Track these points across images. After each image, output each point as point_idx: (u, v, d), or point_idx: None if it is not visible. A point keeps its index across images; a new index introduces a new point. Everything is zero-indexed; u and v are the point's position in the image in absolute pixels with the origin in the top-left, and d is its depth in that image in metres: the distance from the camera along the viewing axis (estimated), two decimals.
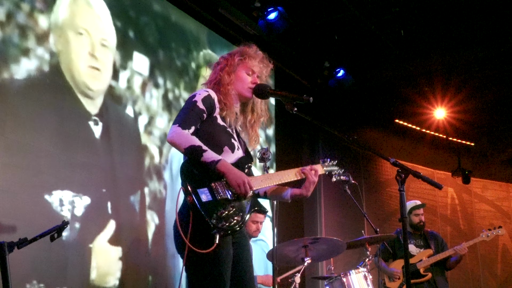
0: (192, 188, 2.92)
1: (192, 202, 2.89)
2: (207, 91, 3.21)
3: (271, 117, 8.03)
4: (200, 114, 3.12)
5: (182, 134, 3.01)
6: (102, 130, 5.33)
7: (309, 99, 3.11)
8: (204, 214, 2.86)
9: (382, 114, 10.01)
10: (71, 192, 4.94)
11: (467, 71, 8.46)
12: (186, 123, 3.06)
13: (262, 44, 7.65)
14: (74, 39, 5.18)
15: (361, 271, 5.01)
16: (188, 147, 2.97)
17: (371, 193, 9.86)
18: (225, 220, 2.91)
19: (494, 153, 11.07)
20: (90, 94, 5.27)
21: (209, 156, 2.97)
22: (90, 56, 5.31)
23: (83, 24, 5.28)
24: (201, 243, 2.87)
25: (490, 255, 10.94)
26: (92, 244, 5.07)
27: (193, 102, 3.13)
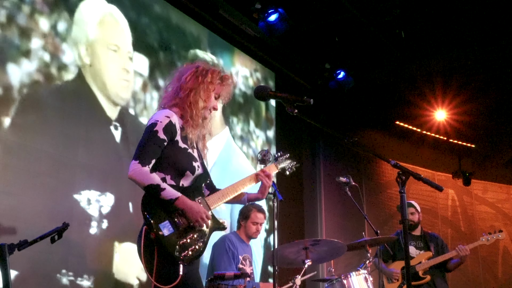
0: (154, 224, 3.02)
1: (155, 238, 3.00)
2: (168, 117, 3.21)
3: (272, 118, 8.04)
4: (160, 144, 3.16)
5: (141, 172, 3.06)
6: (121, 134, 5.58)
7: (310, 101, 3.11)
8: (168, 248, 2.99)
9: (383, 116, 10.01)
10: (97, 192, 5.19)
11: (468, 73, 8.45)
12: (146, 158, 3.09)
13: (263, 45, 7.71)
14: (106, 54, 5.53)
15: (362, 273, 4.99)
16: (147, 185, 3.05)
17: (372, 195, 9.86)
18: (187, 249, 3.05)
19: (494, 155, 11.07)
20: (121, 103, 5.62)
21: (167, 194, 3.06)
22: (123, 70, 5.70)
23: (114, 41, 5.66)
24: (167, 277, 2.98)
25: (491, 257, 10.93)
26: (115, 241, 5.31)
27: (154, 132, 3.14)
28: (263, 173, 3.54)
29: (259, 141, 7.68)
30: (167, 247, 2.98)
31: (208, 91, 3.32)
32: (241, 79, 7.58)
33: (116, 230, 5.35)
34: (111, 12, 5.73)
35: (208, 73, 3.35)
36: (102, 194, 5.24)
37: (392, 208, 10.03)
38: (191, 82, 3.32)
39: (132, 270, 5.45)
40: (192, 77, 3.35)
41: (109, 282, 5.25)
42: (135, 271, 5.47)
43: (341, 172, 6.11)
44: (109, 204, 5.30)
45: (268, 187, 3.55)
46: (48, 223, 4.00)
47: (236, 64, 7.53)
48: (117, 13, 5.79)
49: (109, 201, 5.30)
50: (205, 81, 3.31)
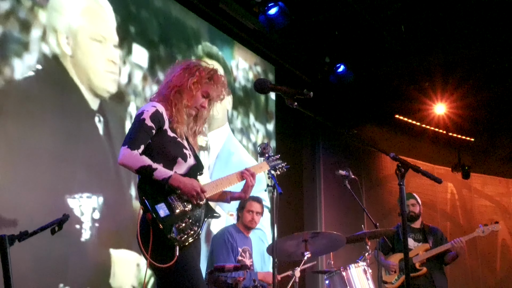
0: (151, 205, 3.04)
1: (151, 219, 3.01)
2: (155, 106, 3.26)
3: (272, 112, 8.05)
4: (149, 131, 3.18)
5: (131, 156, 3.08)
6: (104, 126, 5.46)
7: (310, 94, 3.12)
8: (164, 229, 3.00)
9: (383, 110, 10.02)
10: (89, 189, 5.16)
11: (468, 67, 8.46)
12: (135, 143, 3.12)
13: (263, 39, 7.71)
14: (91, 45, 5.40)
15: (361, 265, 5.02)
16: (139, 167, 3.07)
17: (371, 189, 9.88)
18: (183, 232, 3.07)
19: (494, 148, 11.08)
20: (106, 96, 5.50)
21: (160, 174, 3.08)
22: (108, 62, 5.56)
23: (100, 31, 5.52)
24: (163, 258, 3.00)
25: (489, 251, 10.96)
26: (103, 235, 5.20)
27: (141, 121, 3.18)
28: (247, 172, 3.56)
29: (259, 135, 7.69)
30: (162, 229, 3.00)
31: (191, 90, 3.34)
32: (241, 72, 7.59)
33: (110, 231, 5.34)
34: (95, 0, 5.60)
35: (196, 73, 3.38)
36: (94, 195, 5.23)
37: (392, 202, 10.05)
38: (176, 80, 3.38)
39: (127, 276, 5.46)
40: (179, 75, 3.40)
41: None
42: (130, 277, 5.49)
43: (340, 165, 6.13)
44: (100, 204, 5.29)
45: (251, 187, 3.56)
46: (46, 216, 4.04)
47: (236, 58, 7.54)
48: (102, 2, 5.67)
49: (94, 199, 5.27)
50: (189, 81, 3.34)
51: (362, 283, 4.93)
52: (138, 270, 5.50)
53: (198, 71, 3.39)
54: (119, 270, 5.36)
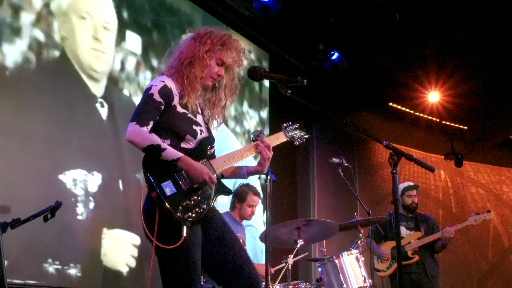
0: (156, 183, 2.91)
1: (157, 197, 2.88)
2: (163, 81, 3.10)
3: (265, 99, 8.04)
4: (157, 107, 3.04)
5: (140, 133, 2.94)
6: (108, 112, 5.46)
7: (303, 81, 3.10)
8: (170, 208, 2.87)
9: (376, 97, 10.02)
10: (84, 171, 5.13)
11: (461, 55, 8.46)
12: (143, 119, 2.98)
13: (257, 26, 7.68)
14: (78, 23, 5.27)
15: (354, 253, 5.04)
16: (147, 146, 2.92)
17: (364, 176, 9.90)
18: (191, 211, 2.93)
19: (486, 137, 11.12)
20: (95, 76, 5.39)
21: (169, 154, 2.93)
22: (94, 39, 5.41)
23: (86, 8, 5.37)
24: (168, 238, 2.87)
25: (481, 238, 11.03)
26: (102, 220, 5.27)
27: (150, 95, 3.03)
28: (262, 144, 3.37)
29: (252, 122, 7.69)
30: (169, 207, 2.86)
31: (204, 60, 3.17)
32: None
33: (105, 212, 5.36)
34: None
35: (207, 41, 3.20)
36: (90, 173, 5.22)
37: (385, 189, 10.09)
38: (187, 51, 3.21)
39: (121, 256, 5.47)
40: (189, 45, 3.23)
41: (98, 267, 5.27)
42: (123, 257, 5.49)
43: (334, 153, 6.14)
44: (97, 183, 5.29)
45: (267, 160, 3.38)
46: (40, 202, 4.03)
47: None
48: None
49: (97, 181, 5.29)
50: (201, 50, 3.17)
51: (354, 271, 4.96)
52: (134, 250, 5.48)
53: (209, 39, 3.20)
54: (113, 249, 5.36)
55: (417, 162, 2.98)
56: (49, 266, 4.73)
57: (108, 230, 5.31)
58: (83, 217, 5.09)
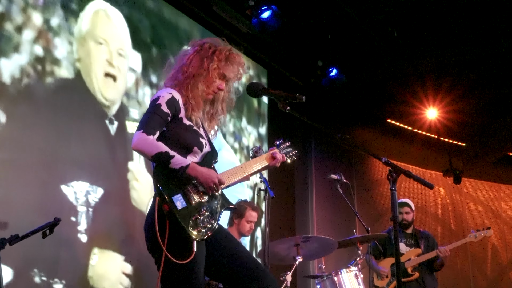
0: (168, 196, 2.89)
1: (168, 211, 2.86)
2: (171, 93, 3.10)
3: (264, 115, 8.06)
4: (164, 117, 3.03)
5: (147, 141, 2.92)
6: (117, 128, 5.56)
7: (302, 98, 3.10)
8: (181, 222, 2.85)
9: (374, 114, 10.04)
10: (87, 184, 5.16)
11: (459, 71, 8.49)
12: (150, 128, 2.96)
13: (256, 42, 7.71)
14: (95, 48, 5.49)
15: (352, 270, 5.03)
16: (155, 154, 2.90)
17: (363, 192, 9.89)
18: (200, 225, 2.92)
19: (485, 153, 11.13)
20: (106, 97, 5.53)
21: (177, 162, 2.92)
22: (108, 64, 5.59)
23: (103, 34, 5.60)
24: (178, 253, 2.85)
25: (480, 255, 11.00)
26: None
27: (157, 106, 3.03)
28: (277, 155, 3.48)
29: (251, 138, 7.69)
30: (180, 221, 2.84)
31: (211, 78, 3.19)
32: None
33: (106, 227, 5.34)
34: (106, 8, 5.72)
35: (213, 57, 3.21)
36: (92, 186, 5.22)
37: (383, 205, 10.07)
38: (193, 65, 3.21)
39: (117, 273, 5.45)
40: (194, 58, 3.23)
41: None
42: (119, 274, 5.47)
43: (332, 169, 6.14)
44: (98, 197, 5.28)
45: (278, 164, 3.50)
46: (39, 217, 4.02)
47: None
48: (112, 11, 5.78)
49: (99, 194, 5.29)
50: (210, 67, 3.19)
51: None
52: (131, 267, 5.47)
53: (214, 54, 3.22)
54: (112, 266, 5.34)
55: (416, 178, 2.98)
56: (47, 282, 4.70)
57: (105, 246, 5.29)
58: (82, 233, 5.06)
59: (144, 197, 5.74)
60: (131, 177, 5.62)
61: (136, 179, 5.67)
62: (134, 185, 5.64)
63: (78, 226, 5.03)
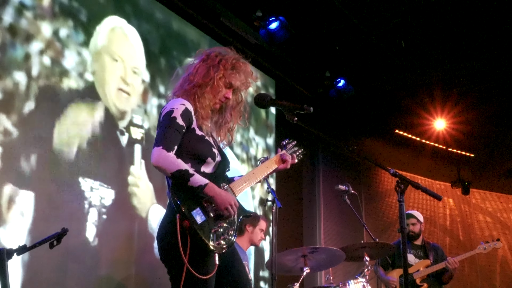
0: (187, 212, 2.89)
1: (189, 227, 2.86)
2: (183, 104, 3.11)
3: (272, 126, 8.06)
4: (180, 131, 3.04)
5: (168, 158, 2.92)
6: (128, 139, 5.59)
7: (310, 109, 3.11)
8: (203, 236, 2.85)
9: (382, 125, 10.03)
10: (96, 194, 5.18)
11: (467, 82, 8.48)
12: (169, 144, 2.97)
13: (263, 53, 7.73)
14: (110, 64, 5.57)
15: (360, 281, 5.00)
16: (176, 171, 2.91)
17: (371, 203, 9.87)
18: (221, 238, 2.94)
19: (493, 164, 11.08)
20: (119, 110, 5.58)
21: (196, 180, 2.93)
22: (122, 81, 5.66)
23: (118, 51, 5.67)
24: (201, 267, 2.86)
25: (489, 267, 10.93)
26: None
27: (172, 119, 3.04)
28: (287, 157, 3.56)
29: (259, 148, 7.69)
30: (202, 236, 2.85)
31: (219, 86, 3.20)
32: None
33: (114, 239, 5.35)
34: (122, 26, 5.80)
35: (220, 66, 3.22)
36: (100, 196, 5.23)
37: (391, 216, 10.04)
38: (200, 74, 3.22)
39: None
40: (201, 67, 3.25)
41: None
42: None
43: (340, 180, 6.14)
44: (107, 207, 5.30)
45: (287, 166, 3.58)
46: (46, 227, 4.02)
47: None
48: (128, 28, 5.87)
49: (107, 205, 5.30)
50: (215, 77, 3.20)
51: None
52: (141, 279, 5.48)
53: (221, 64, 3.23)
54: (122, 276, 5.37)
55: (424, 190, 2.98)
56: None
57: (111, 255, 5.29)
58: (91, 244, 5.07)
59: (145, 203, 5.75)
60: (131, 183, 5.62)
61: (137, 185, 5.67)
62: (134, 190, 5.64)
63: (86, 236, 5.04)
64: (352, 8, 6.96)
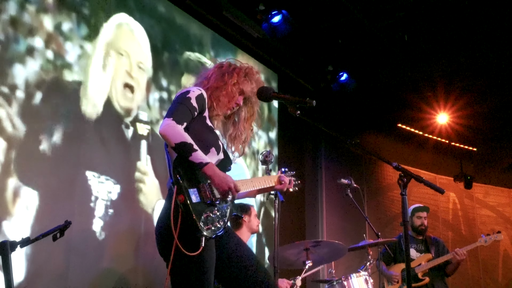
0: (185, 187, 2.90)
1: (183, 202, 2.86)
2: (200, 90, 3.19)
3: (274, 119, 8.06)
4: (192, 111, 3.09)
5: (175, 128, 2.94)
6: (133, 134, 5.62)
7: (312, 102, 3.11)
8: (195, 215, 2.85)
9: (385, 119, 10.02)
10: (100, 187, 5.20)
11: (470, 76, 8.47)
12: (179, 117, 3.00)
13: (266, 47, 7.72)
14: (116, 58, 5.60)
15: (362, 275, 5.02)
16: (180, 142, 2.91)
17: (373, 197, 9.86)
18: (210, 224, 2.92)
19: (496, 158, 11.08)
20: (123, 106, 5.60)
21: (198, 156, 2.93)
22: (127, 75, 5.70)
23: (124, 47, 5.73)
24: (187, 245, 2.85)
25: (491, 261, 10.93)
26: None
27: (187, 98, 3.10)
28: (285, 180, 3.55)
29: (261, 142, 7.69)
30: (193, 214, 2.84)
31: (233, 92, 3.30)
32: None
33: (119, 231, 5.37)
34: (128, 22, 5.85)
35: (233, 73, 3.34)
36: (104, 189, 5.24)
37: (393, 211, 10.04)
38: (214, 79, 3.32)
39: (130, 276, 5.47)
40: (215, 73, 3.34)
41: None
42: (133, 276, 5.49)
43: (342, 174, 6.13)
44: (110, 200, 5.31)
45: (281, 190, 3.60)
46: (50, 220, 4.03)
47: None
48: (135, 25, 5.90)
49: (111, 198, 5.31)
50: (229, 83, 3.29)
51: None
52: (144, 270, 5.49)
53: (235, 71, 3.36)
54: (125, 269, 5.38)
55: (427, 183, 2.97)
56: (57, 284, 4.72)
57: (115, 249, 5.31)
58: (95, 237, 5.08)
59: (151, 199, 5.76)
60: (138, 178, 5.64)
61: (143, 181, 5.68)
62: (141, 187, 5.65)
63: (89, 229, 5.05)
64: (354, 2, 6.95)
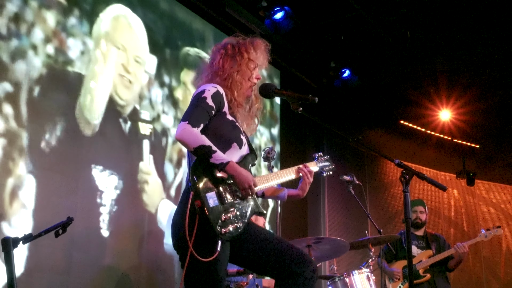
0: (202, 192, 2.85)
1: (200, 207, 2.82)
2: (216, 87, 3.10)
3: (276, 116, 8.06)
4: (209, 111, 3.02)
5: (192, 132, 2.89)
6: (130, 127, 5.61)
7: (315, 99, 3.10)
8: (211, 220, 2.81)
9: (387, 115, 10.01)
10: (101, 182, 5.22)
11: (473, 73, 8.45)
12: (195, 120, 2.93)
13: (268, 43, 7.69)
14: (113, 51, 5.58)
15: (364, 271, 5.01)
16: (198, 146, 2.86)
17: (375, 194, 9.86)
18: (228, 226, 2.87)
19: (498, 155, 11.05)
20: (120, 99, 5.58)
21: (219, 157, 2.88)
22: (124, 69, 5.67)
23: (121, 40, 5.70)
24: (203, 250, 2.83)
25: (493, 258, 10.92)
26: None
27: (203, 98, 3.02)
28: (305, 168, 3.44)
29: (263, 139, 7.69)
30: (210, 219, 2.80)
31: (250, 70, 3.25)
32: None
33: (120, 227, 5.38)
34: (126, 14, 5.81)
35: (243, 51, 3.27)
36: (105, 185, 5.26)
37: (396, 207, 10.03)
38: (227, 66, 3.24)
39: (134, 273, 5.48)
40: (224, 60, 3.26)
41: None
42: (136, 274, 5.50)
43: (345, 170, 6.13)
44: (111, 196, 5.32)
45: (309, 184, 3.45)
46: (52, 216, 4.04)
47: None
48: (132, 17, 5.88)
49: (112, 195, 5.32)
50: (243, 62, 3.24)
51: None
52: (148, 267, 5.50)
53: (241, 49, 3.30)
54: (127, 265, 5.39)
55: (429, 180, 2.96)
56: (59, 281, 4.73)
57: (117, 246, 5.31)
58: (98, 234, 5.09)
59: (154, 198, 5.77)
60: (141, 178, 5.64)
61: (146, 181, 5.69)
62: (144, 186, 5.66)
63: (92, 225, 5.06)
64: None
